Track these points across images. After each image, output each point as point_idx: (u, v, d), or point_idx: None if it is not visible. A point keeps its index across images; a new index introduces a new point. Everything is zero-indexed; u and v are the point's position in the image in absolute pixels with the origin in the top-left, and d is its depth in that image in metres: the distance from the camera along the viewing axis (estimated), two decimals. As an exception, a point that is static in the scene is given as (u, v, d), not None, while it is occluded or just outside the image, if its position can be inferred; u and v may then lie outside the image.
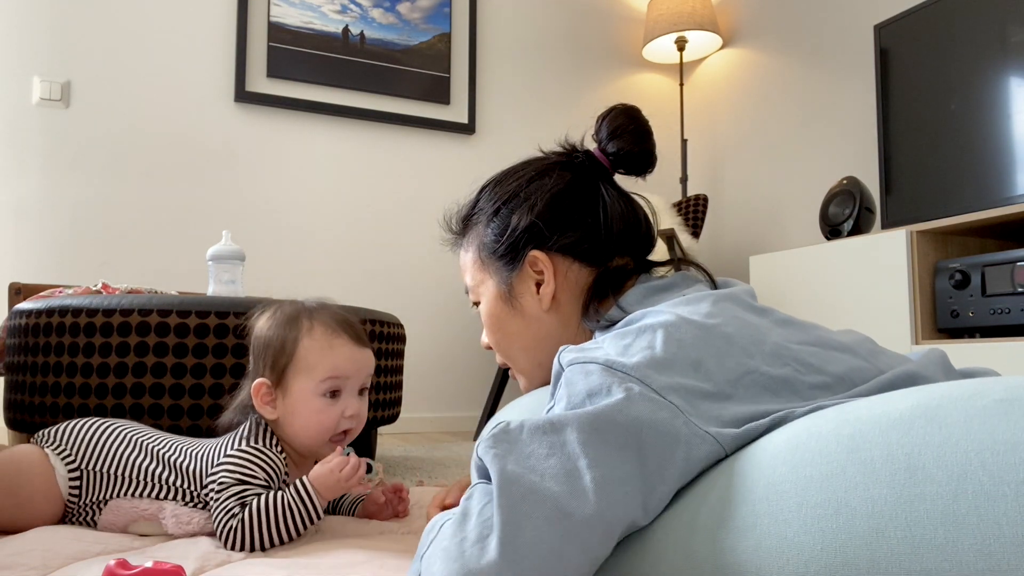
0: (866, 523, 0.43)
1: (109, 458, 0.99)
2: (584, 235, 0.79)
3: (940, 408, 0.45)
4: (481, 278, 0.85)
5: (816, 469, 0.47)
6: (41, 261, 2.36)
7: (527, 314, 0.81)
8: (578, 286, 0.80)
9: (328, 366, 0.99)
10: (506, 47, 3.13)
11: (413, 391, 2.81)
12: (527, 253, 0.79)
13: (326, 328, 1.02)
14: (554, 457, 0.52)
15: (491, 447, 0.54)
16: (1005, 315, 1.79)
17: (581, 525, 0.50)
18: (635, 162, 0.83)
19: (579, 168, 0.83)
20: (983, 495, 0.40)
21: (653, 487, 0.53)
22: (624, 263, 0.81)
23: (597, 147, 0.84)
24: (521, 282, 0.81)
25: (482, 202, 0.86)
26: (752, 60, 3.10)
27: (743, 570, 0.47)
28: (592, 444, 0.52)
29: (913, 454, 0.43)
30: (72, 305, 1.27)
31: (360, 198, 2.83)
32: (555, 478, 0.51)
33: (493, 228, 0.82)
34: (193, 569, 0.81)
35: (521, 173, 0.84)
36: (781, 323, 0.69)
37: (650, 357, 0.58)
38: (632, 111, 0.84)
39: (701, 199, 2.83)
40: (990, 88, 1.95)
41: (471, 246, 0.86)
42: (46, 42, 2.41)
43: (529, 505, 0.50)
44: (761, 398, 0.58)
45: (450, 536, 0.52)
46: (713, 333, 0.61)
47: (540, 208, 0.79)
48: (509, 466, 0.52)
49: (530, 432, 0.54)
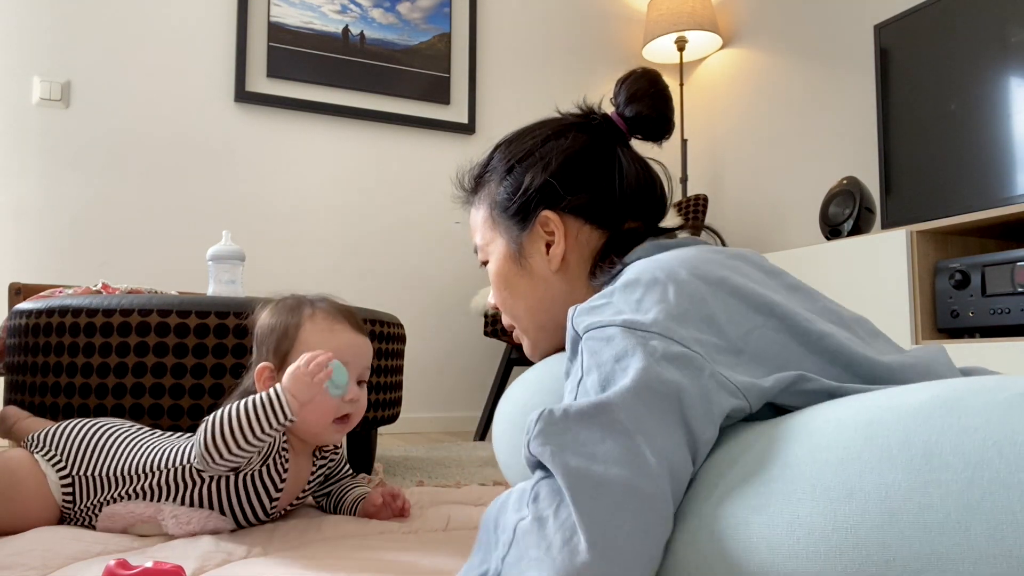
0: (879, 506, 0.43)
1: (101, 461, 0.98)
2: (597, 197, 0.78)
3: (960, 400, 0.45)
4: (491, 236, 0.84)
5: (832, 453, 0.47)
6: (41, 261, 2.36)
7: (535, 275, 0.80)
8: (588, 248, 0.79)
9: (329, 349, 1.00)
10: (506, 47, 3.13)
11: (413, 391, 2.80)
12: (539, 213, 0.78)
13: (327, 315, 1.04)
14: (609, 440, 0.51)
15: (545, 442, 0.53)
16: (1005, 315, 1.79)
17: (654, 498, 0.50)
18: (653, 127, 0.82)
19: (596, 130, 0.82)
20: (998, 483, 0.40)
21: (697, 442, 0.54)
22: (636, 227, 0.80)
23: (615, 111, 0.83)
24: (531, 242, 0.80)
25: (495, 160, 0.85)
26: (752, 60, 3.10)
27: (755, 546, 0.48)
28: (640, 418, 0.52)
29: (931, 441, 0.44)
30: (72, 305, 1.27)
31: (360, 198, 2.83)
32: (617, 461, 0.50)
33: (506, 186, 0.81)
34: (193, 569, 0.81)
35: (537, 132, 0.83)
36: (789, 288, 0.68)
37: (666, 311, 0.58)
38: (652, 75, 0.82)
39: (701, 199, 2.83)
40: (990, 88, 1.95)
41: (482, 204, 0.85)
42: (46, 42, 2.41)
43: (603, 496, 0.49)
44: (769, 352, 0.59)
45: (535, 544, 0.51)
46: (723, 287, 0.61)
47: (554, 168, 0.78)
48: (571, 461, 0.51)
49: (576, 419, 0.53)
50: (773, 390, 0.56)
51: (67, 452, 0.99)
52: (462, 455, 1.99)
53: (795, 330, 0.60)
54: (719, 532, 0.50)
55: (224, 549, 0.88)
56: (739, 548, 0.49)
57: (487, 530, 0.57)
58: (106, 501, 0.97)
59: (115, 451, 0.99)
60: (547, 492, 0.52)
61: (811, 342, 0.60)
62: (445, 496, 1.26)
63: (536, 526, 0.51)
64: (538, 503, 0.52)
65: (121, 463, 0.98)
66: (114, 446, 1.00)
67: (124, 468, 0.98)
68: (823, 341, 0.60)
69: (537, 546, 0.50)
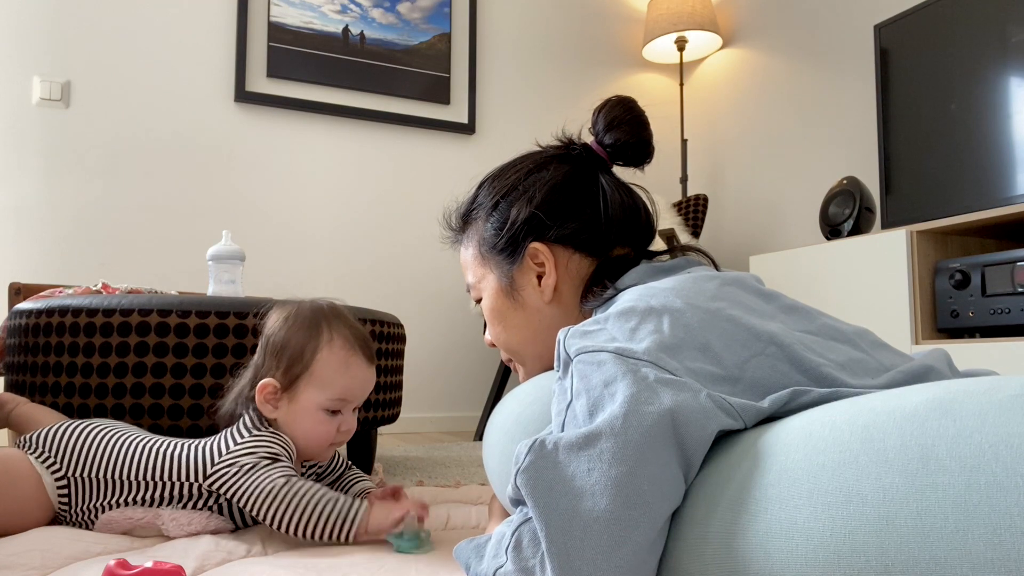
0: (877, 511, 0.43)
1: (97, 463, 0.97)
2: (584, 225, 0.79)
3: (955, 402, 0.45)
4: (482, 274, 0.84)
5: (829, 457, 0.47)
6: (41, 261, 2.36)
7: (529, 307, 0.81)
8: (579, 276, 0.79)
9: (342, 386, 1.00)
10: (506, 47, 3.13)
11: (413, 391, 2.80)
12: (527, 245, 0.79)
13: (345, 343, 1.02)
14: (596, 471, 0.51)
15: (532, 480, 0.52)
16: (1005, 315, 1.79)
17: (646, 527, 0.50)
18: (633, 152, 0.83)
19: (577, 160, 0.83)
20: (996, 486, 0.40)
21: (690, 460, 0.53)
22: (625, 253, 0.81)
23: (594, 139, 0.84)
24: (522, 275, 0.80)
25: (480, 197, 0.85)
26: (752, 60, 3.10)
27: (753, 554, 0.48)
28: (631, 447, 0.51)
29: (927, 445, 0.43)
30: (72, 305, 1.27)
31: (360, 198, 2.83)
32: (604, 492, 0.50)
33: (492, 222, 0.82)
34: (193, 569, 0.81)
35: (519, 167, 0.84)
36: (786, 309, 0.68)
37: (659, 341, 0.58)
38: (628, 102, 0.83)
39: (701, 199, 2.83)
40: (990, 88, 1.95)
41: (471, 242, 0.86)
42: (46, 42, 2.41)
43: (589, 539, 0.49)
44: (768, 381, 0.58)
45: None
46: (719, 316, 0.61)
47: (539, 200, 0.79)
48: (557, 504, 0.51)
49: (566, 451, 0.53)
50: (769, 411, 0.56)
51: (62, 453, 0.98)
52: (462, 455, 1.99)
53: (793, 359, 0.60)
54: (717, 541, 0.50)
55: (224, 548, 0.88)
56: (737, 557, 0.48)
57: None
58: (103, 507, 0.96)
59: (111, 453, 0.98)
60: (530, 540, 0.52)
61: (808, 370, 0.60)
62: (444, 496, 1.26)
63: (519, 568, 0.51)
64: (520, 551, 0.52)
65: (118, 467, 0.97)
66: (110, 447, 0.98)
67: (121, 473, 0.96)
68: (820, 370, 0.60)
69: None
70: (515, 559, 0.52)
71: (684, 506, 0.54)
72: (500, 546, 0.54)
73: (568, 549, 0.49)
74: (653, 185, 3.40)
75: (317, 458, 1.05)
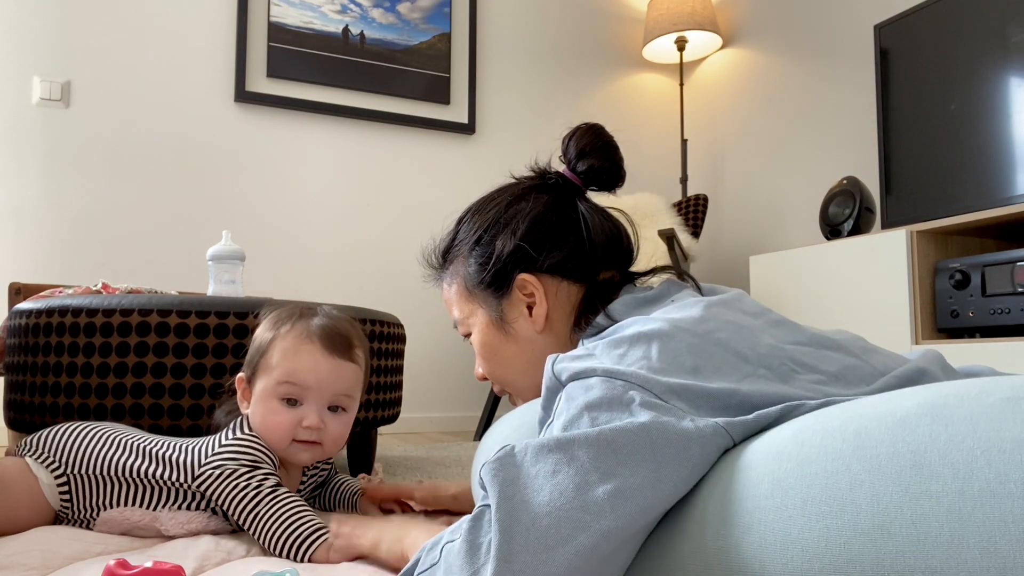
0: (871, 520, 0.42)
1: (96, 461, 0.97)
2: (570, 253, 0.80)
3: (946, 406, 0.45)
4: (470, 309, 0.85)
5: (821, 466, 0.47)
6: (41, 261, 2.36)
7: (521, 338, 0.81)
8: (569, 303, 0.80)
9: (285, 370, 0.98)
10: (506, 47, 3.13)
11: (413, 391, 2.81)
12: (515, 277, 0.79)
13: (300, 333, 1.00)
14: (561, 473, 0.52)
15: (496, 471, 0.54)
16: (1005, 315, 1.79)
17: (596, 534, 0.50)
18: (606, 177, 0.84)
19: (554, 189, 0.84)
20: (989, 493, 0.39)
21: (675, 485, 0.53)
22: (610, 276, 0.82)
23: (567, 167, 0.85)
24: (512, 307, 0.81)
25: (461, 233, 0.86)
26: (752, 60, 3.10)
27: (748, 566, 0.47)
28: (603, 456, 0.52)
29: (919, 452, 0.43)
30: (72, 305, 1.27)
31: (360, 198, 2.83)
32: (563, 493, 0.51)
33: (476, 257, 0.82)
34: (193, 568, 0.81)
35: (498, 200, 0.84)
36: (775, 324, 0.69)
37: (648, 367, 0.58)
38: (596, 128, 0.85)
39: (701, 199, 2.83)
40: (990, 88, 1.95)
41: (454, 279, 0.86)
42: (46, 42, 2.41)
43: (536, 531, 0.50)
44: (760, 399, 0.59)
45: (459, 568, 0.51)
46: (707, 340, 0.62)
47: (523, 231, 0.80)
48: (515, 493, 0.52)
49: (535, 453, 0.54)
50: (756, 427, 0.56)
51: (62, 452, 0.98)
52: (462, 455, 2.00)
53: (784, 378, 0.61)
54: (712, 555, 0.50)
55: (224, 548, 0.88)
56: (733, 570, 0.48)
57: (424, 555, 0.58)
58: (102, 505, 0.97)
59: (110, 449, 0.98)
60: (486, 521, 0.53)
61: (800, 388, 0.60)
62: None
63: (465, 548, 0.52)
64: (473, 530, 0.53)
65: (117, 463, 0.97)
66: (109, 444, 0.99)
67: (120, 470, 0.96)
68: (811, 388, 0.60)
69: (461, 570, 0.51)
70: (467, 534, 0.53)
71: (677, 519, 0.54)
72: (460, 527, 0.55)
73: (512, 534, 0.50)
74: (653, 185, 3.41)
75: (291, 458, 1.00)
